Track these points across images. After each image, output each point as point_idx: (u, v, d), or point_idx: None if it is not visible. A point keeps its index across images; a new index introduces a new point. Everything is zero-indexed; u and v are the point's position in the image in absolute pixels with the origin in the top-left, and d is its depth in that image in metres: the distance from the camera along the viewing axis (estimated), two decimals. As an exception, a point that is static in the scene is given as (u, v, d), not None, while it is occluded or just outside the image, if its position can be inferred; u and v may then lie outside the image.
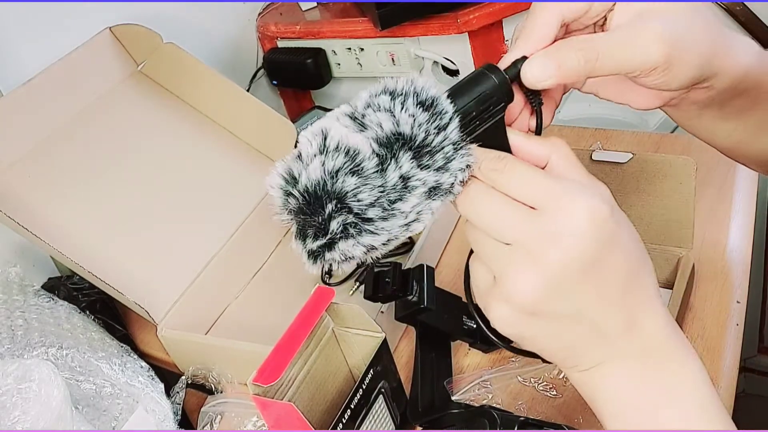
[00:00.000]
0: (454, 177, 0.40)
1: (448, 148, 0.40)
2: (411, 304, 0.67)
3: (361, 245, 0.40)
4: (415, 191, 0.39)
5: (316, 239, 0.39)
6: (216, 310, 0.92)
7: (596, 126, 1.05)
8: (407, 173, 0.39)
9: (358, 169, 0.38)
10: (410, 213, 0.40)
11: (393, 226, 0.40)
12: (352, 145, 0.39)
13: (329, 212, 0.38)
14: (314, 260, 0.41)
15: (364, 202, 0.38)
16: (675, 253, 0.74)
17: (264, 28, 1.22)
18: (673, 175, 0.69)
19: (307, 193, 0.39)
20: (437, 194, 0.40)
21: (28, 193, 0.84)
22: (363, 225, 0.39)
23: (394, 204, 0.39)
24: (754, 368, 1.47)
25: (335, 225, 0.39)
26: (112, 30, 0.97)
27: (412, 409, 0.70)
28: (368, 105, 0.40)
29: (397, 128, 0.39)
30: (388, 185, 0.39)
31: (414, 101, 0.39)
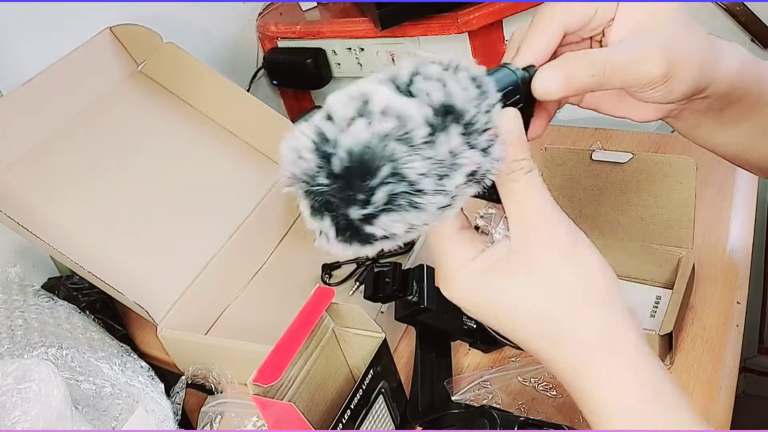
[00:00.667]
0: (492, 165, 0.37)
1: (491, 131, 0.37)
2: (411, 304, 0.67)
3: (404, 222, 0.35)
4: (461, 169, 0.36)
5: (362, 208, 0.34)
6: (216, 310, 0.92)
7: (596, 126, 1.05)
8: (456, 149, 0.35)
9: (408, 137, 0.34)
10: (450, 195, 0.36)
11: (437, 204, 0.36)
12: (402, 110, 0.35)
13: (383, 177, 0.34)
14: (348, 237, 0.36)
15: (417, 170, 0.34)
16: (675, 253, 0.74)
17: (264, 28, 1.22)
18: (673, 175, 0.69)
19: (353, 154, 0.34)
20: (474, 179, 0.37)
21: (28, 193, 0.84)
22: (414, 197, 0.35)
23: (441, 180, 0.35)
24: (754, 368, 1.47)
25: (381, 195, 0.34)
26: (112, 30, 0.97)
27: (412, 409, 0.70)
28: (416, 72, 0.36)
29: (449, 99, 0.36)
30: (437, 157, 0.35)
31: (467, 75, 0.37)
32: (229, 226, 0.94)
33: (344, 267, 0.93)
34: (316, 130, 0.35)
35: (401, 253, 0.92)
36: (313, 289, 0.65)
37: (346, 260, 0.93)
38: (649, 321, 0.74)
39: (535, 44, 0.44)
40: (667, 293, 0.76)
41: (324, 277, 0.92)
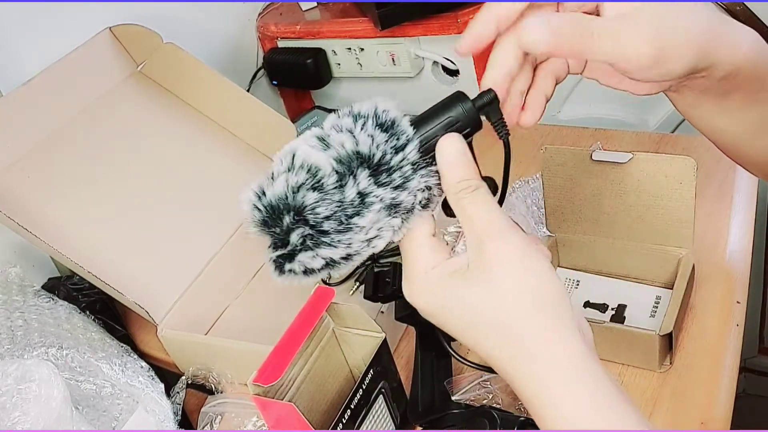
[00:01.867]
0: (414, 196, 0.43)
1: (406, 168, 0.42)
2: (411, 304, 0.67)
3: (320, 257, 0.42)
4: (372, 207, 0.42)
5: (276, 249, 0.42)
6: (216, 310, 0.92)
7: (596, 126, 1.05)
8: (364, 190, 0.41)
9: (318, 185, 0.41)
10: (370, 229, 0.43)
11: (352, 240, 0.42)
12: (314, 162, 0.41)
13: (287, 224, 0.41)
14: (277, 270, 0.44)
15: (320, 215, 0.41)
16: (675, 253, 0.74)
17: (264, 28, 1.22)
18: (674, 175, 0.69)
19: (270, 206, 0.42)
20: (397, 212, 0.43)
21: (28, 193, 0.84)
22: (319, 237, 0.41)
23: (351, 219, 0.41)
24: (754, 368, 1.47)
25: (295, 237, 0.42)
26: (112, 30, 0.97)
27: (412, 409, 0.70)
28: (333, 126, 0.43)
29: (356, 147, 0.41)
30: (346, 200, 0.41)
31: (374, 123, 0.42)
32: (229, 226, 0.94)
33: (344, 267, 0.93)
34: (258, 185, 0.43)
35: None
36: (313, 289, 0.65)
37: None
38: (649, 321, 0.74)
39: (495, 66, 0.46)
40: (667, 293, 0.76)
41: (324, 277, 0.92)
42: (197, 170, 0.97)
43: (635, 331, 0.68)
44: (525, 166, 0.98)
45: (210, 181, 0.97)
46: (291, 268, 0.43)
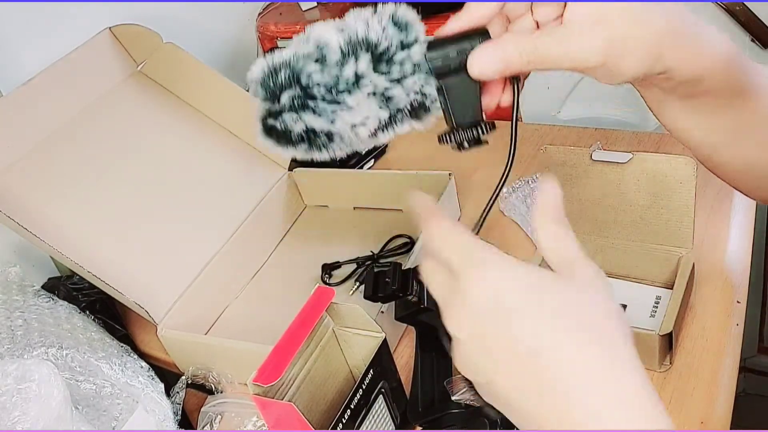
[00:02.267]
0: (407, 95, 0.45)
1: (407, 65, 0.44)
2: (411, 304, 0.67)
3: (302, 122, 0.44)
4: (364, 89, 0.44)
5: (266, 102, 0.45)
6: (216, 310, 0.92)
7: (596, 126, 1.05)
8: (362, 72, 0.44)
9: (323, 58, 0.44)
10: (357, 113, 0.44)
11: (336, 116, 0.44)
12: (324, 39, 0.44)
13: (281, 81, 0.44)
14: (262, 126, 0.46)
15: (314, 80, 0.44)
16: (675, 252, 0.74)
17: (264, 28, 1.22)
18: (674, 175, 0.69)
19: (273, 67, 0.44)
20: (388, 106, 0.45)
21: (28, 193, 0.84)
22: (306, 99, 0.44)
23: (341, 93, 0.44)
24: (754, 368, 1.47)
25: (286, 97, 0.44)
26: (112, 30, 0.97)
27: (412, 409, 0.70)
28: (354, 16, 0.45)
29: (366, 34, 0.44)
30: (342, 76, 0.44)
31: (390, 18, 0.45)
32: (229, 226, 0.94)
33: (344, 267, 0.93)
34: (271, 55, 0.45)
35: (401, 253, 0.92)
36: (313, 289, 0.65)
37: (346, 260, 0.93)
38: (649, 321, 0.74)
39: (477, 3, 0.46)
40: (666, 293, 0.76)
41: (324, 277, 0.92)
42: (197, 170, 0.97)
43: (635, 330, 0.68)
44: (525, 166, 0.98)
45: (210, 181, 0.97)
46: (273, 124, 0.45)
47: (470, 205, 0.96)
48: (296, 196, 1.04)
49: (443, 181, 0.91)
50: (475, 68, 0.44)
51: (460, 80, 0.45)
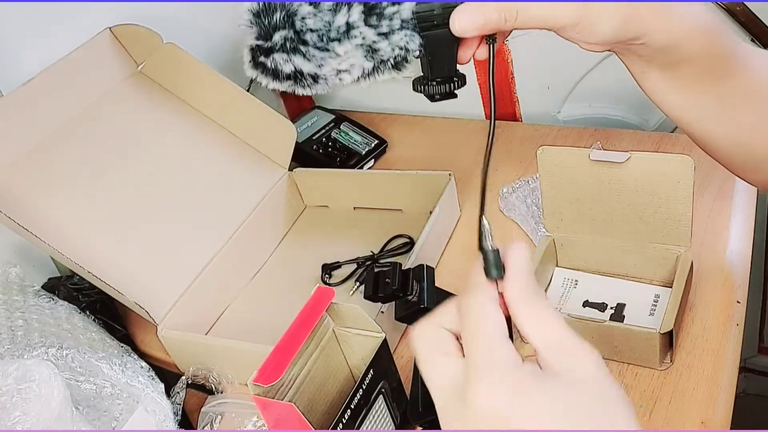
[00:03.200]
0: (392, 49, 0.47)
1: (396, 20, 0.46)
2: (411, 304, 0.67)
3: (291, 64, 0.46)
4: (353, 40, 0.46)
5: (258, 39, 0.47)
6: (216, 310, 0.92)
7: (596, 126, 1.05)
8: (353, 23, 0.45)
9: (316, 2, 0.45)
10: (344, 60, 0.46)
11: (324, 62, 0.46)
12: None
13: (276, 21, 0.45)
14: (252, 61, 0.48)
15: (307, 26, 0.45)
16: (674, 251, 0.74)
17: (264, 28, 1.22)
18: (672, 174, 0.69)
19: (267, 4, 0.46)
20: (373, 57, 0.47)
21: (28, 193, 0.84)
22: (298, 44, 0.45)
23: (332, 41, 0.45)
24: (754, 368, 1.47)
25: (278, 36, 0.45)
26: (112, 30, 0.97)
27: (412, 409, 0.70)
28: None
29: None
30: (333, 24, 0.45)
31: None
32: (229, 226, 0.94)
33: (344, 267, 0.93)
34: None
35: (401, 253, 0.92)
36: (313, 289, 0.65)
37: (346, 260, 0.93)
38: (648, 319, 0.74)
39: None
40: (665, 292, 0.76)
41: (324, 277, 0.92)
42: (197, 170, 0.97)
43: (636, 329, 0.68)
44: (525, 166, 0.99)
45: (210, 181, 0.97)
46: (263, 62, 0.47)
47: (470, 205, 0.96)
48: (296, 196, 1.04)
49: (443, 181, 0.91)
50: (456, 25, 0.46)
51: (441, 35, 0.47)
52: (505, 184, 0.94)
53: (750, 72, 0.53)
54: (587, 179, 0.73)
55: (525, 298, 0.39)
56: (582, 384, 0.37)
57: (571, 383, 0.37)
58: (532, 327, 0.38)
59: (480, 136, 1.09)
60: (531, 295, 0.39)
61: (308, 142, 1.12)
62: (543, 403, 0.36)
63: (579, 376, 0.37)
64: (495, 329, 0.39)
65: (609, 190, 0.73)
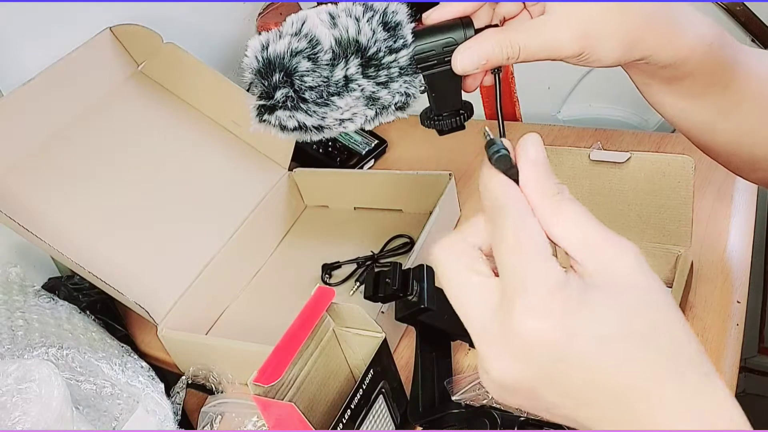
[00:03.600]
0: (392, 96, 0.47)
1: (394, 69, 0.46)
2: (411, 304, 0.67)
3: (295, 119, 0.46)
4: (353, 93, 0.46)
5: (261, 99, 0.46)
6: (216, 310, 0.92)
7: (596, 126, 1.05)
8: (351, 76, 0.46)
9: (314, 56, 0.45)
10: (345, 111, 0.47)
11: (327, 114, 0.46)
12: (317, 35, 0.45)
13: (276, 80, 0.45)
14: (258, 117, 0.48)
15: (306, 83, 0.45)
16: (673, 251, 0.74)
17: (264, 28, 1.22)
18: (672, 174, 0.69)
19: (267, 60, 0.45)
20: (374, 105, 0.47)
21: (29, 193, 0.84)
22: (298, 102, 0.46)
23: (331, 96, 0.46)
24: (754, 368, 1.47)
25: (279, 94, 0.45)
26: (112, 30, 0.97)
27: (412, 409, 0.70)
28: (345, 9, 0.46)
29: (357, 36, 0.45)
30: (332, 79, 0.45)
31: (380, 19, 0.46)
32: (229, 226, 0.94)
33: (344, 267, 0.93)
34: (266, 38, 0.46)
35: (401, 253, 0.92)
36: (313, 289, 0.65)
37: (346, 260, 0.93)
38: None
39: None
40: (666, 293, 0.76)
41: (324, 277, 0.92)
42: (197, 170, 0.97)
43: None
44: (525, 166, 0.98)
45: (210, 180, 0.97)
46: (268, 119, 0.47)
47: (470, 205, 0.96)
48: (296, 196, 1.04)
49: (443, 181, 0.91)
50: (458, 66, 0.46)
51: (443, 73, 0.47)
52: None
53: (749, 75, 0.53)
54: (587, 179, 0.73)
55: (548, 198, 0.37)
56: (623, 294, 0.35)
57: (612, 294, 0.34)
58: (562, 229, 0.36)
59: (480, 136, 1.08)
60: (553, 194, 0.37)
61: (308, 142, 1.12)
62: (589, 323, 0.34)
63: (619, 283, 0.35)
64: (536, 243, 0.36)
65: (609, 190, 0.73)
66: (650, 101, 0.55)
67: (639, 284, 0.35)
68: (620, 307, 0.34)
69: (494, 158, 0.37)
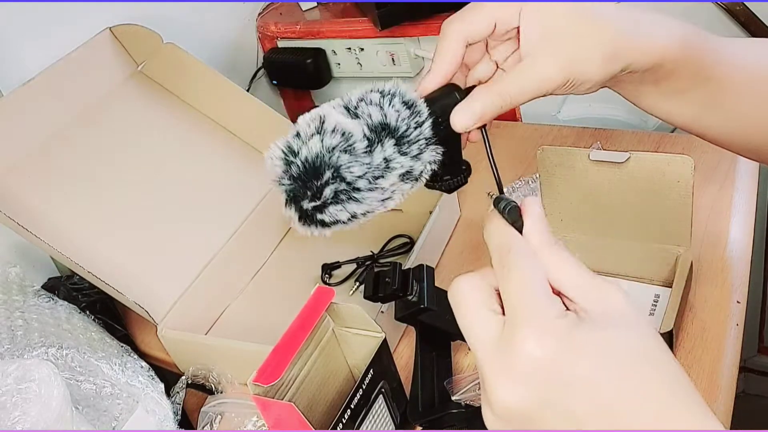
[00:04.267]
0: (424, 166, 0.49)
1: (422, 141, 0.48)
2: (411, 304, 0.67)
3: (347, 211, 0.47)
4: (395, 171, 0.47)
5: (312, 201, 0.46)
6: (216, 310, 0.92)
7: (596, 126, 1.05)
8: (390, 156, 0.47)
9: (350, 148, 0.46)
10: (387, 190, 0.48)
11: (374, 198, 0.48)
12: (347, 128, 0.46)
13: (326, 179, 0.46)
14: (305, 221, 0.48)
15: (355, 173, 0.46)
16: (673, 251, 0.74)
17: (264, 28, 1.23)
18: (671, 174, 0.69)
19: (307, 163, 0.46)
20: (409, 179, 0.49)
21: (29, 193, 0.84)
22: (352, 193, 0.47)
23: (377, 180, 0.47)
24: (754, 368, 1.47)
25: (328, 191, 0.46)
26: (112, 30, 0.97)
27: (412, 409, 0.70)
28: (361, 99, 0.48)
29: (384, 119, 0.47)
30: (373, 164, 0.47)
31: (400, 100, 0.48)
32: (229, 226, 0.94)
33: (344, 267, 0.93)
34: (286, 144, 0.47)
35: (401, 253, 0.92)
36: (313, 289, 0.65)
37: (346, 260, 0.93)
38: (648, 319, 0.74)
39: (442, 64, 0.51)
40: (665, 291, 0.76)
41: (324, 277, 0.92)
42: (197, 170, 0.97)
43: (635, 330, 0.68)
44: (525, 166, 0.99)
45: (210, 181, 0.97)
46: (321, 218, 0.47)
47: (470, 205, 0.96)
48: (296, 196, 1.04)
49: (443, 181, 0.91)
50: (458, 126, 0.49)
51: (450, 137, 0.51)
52: (505, 184, 0.94)
53: (732, 65, 0.56)
54: (587, 179, 0.73)
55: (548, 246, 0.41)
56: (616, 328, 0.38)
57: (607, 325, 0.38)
58: (560, 272, 0.40)
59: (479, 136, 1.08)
60: (552, 243, 0.41)
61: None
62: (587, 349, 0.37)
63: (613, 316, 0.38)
64: (538, 280, 0.40)
65: (609, 190, 0.73)
66: (643, 107, 0.58)
67: (630, 317, 0.38)
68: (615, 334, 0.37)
69: (507, 210, 0.43)
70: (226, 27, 1.22)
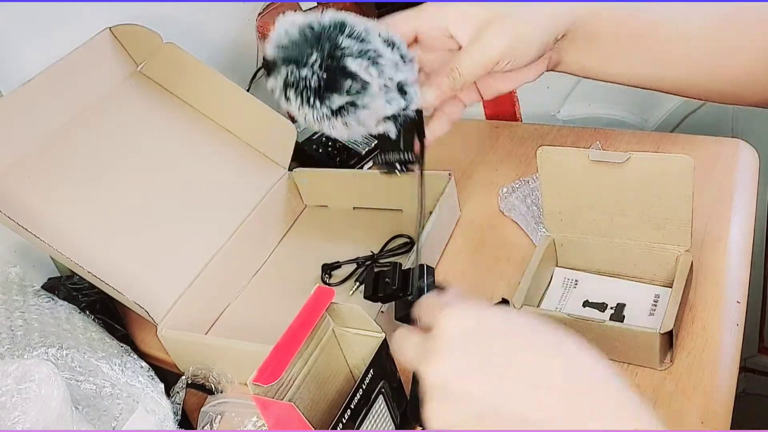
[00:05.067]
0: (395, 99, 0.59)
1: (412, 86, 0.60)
2: (411, 304, 0.67)
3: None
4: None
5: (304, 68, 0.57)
6: (216, 310, 0.92)
7: (596, 126, 1.05)
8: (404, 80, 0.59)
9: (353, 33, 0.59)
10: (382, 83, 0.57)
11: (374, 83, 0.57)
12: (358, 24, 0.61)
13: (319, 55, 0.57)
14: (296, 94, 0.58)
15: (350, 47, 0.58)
16: (673, 251, 0.74)
17: (264, 28, 1.22)
18: (671, 174, 0.69)
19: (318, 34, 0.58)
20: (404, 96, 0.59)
21: (28, 193, 0.84)
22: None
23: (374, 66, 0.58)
24: (754, 368, 1.47)
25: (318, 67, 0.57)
26: (112, 30, 0.97)
27: (412, 409, 0.70)
28: None
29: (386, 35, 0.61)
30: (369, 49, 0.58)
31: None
32: (229, 225, 0.94)
33: (344, 267, 0.93)
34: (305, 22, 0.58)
35: (401, 253, 0.92)
36: (313, 289, 0.65)
37: (346, 260, 0.93)
38: (648, 320, 0.74)
39: None
40: (665, 292, 0.76)
41: (324, 277, 0.92)
42: (197, 170, 0.97)
43: (636, 329, 0.68)
44: (525, 166, 0.98)
45: (210, 180, 0.97)
46: None
47: (470, 205, 0.96)
48: (296, 196, 1.04)
49: (443, 181, 0.91)
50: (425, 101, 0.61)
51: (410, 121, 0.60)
52: (505, 184, 0.94)
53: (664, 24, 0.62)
54: (587, 179, 0.73)
55: None
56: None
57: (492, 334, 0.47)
58: None
59: (480, 136, 1.09)
60: None
61: (308, 142, 1.12)
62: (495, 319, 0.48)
63: None
64: None
65: (609, 190, 0.73)
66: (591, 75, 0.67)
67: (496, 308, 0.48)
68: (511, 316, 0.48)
69: None
70: (226, 27, 1.22)
